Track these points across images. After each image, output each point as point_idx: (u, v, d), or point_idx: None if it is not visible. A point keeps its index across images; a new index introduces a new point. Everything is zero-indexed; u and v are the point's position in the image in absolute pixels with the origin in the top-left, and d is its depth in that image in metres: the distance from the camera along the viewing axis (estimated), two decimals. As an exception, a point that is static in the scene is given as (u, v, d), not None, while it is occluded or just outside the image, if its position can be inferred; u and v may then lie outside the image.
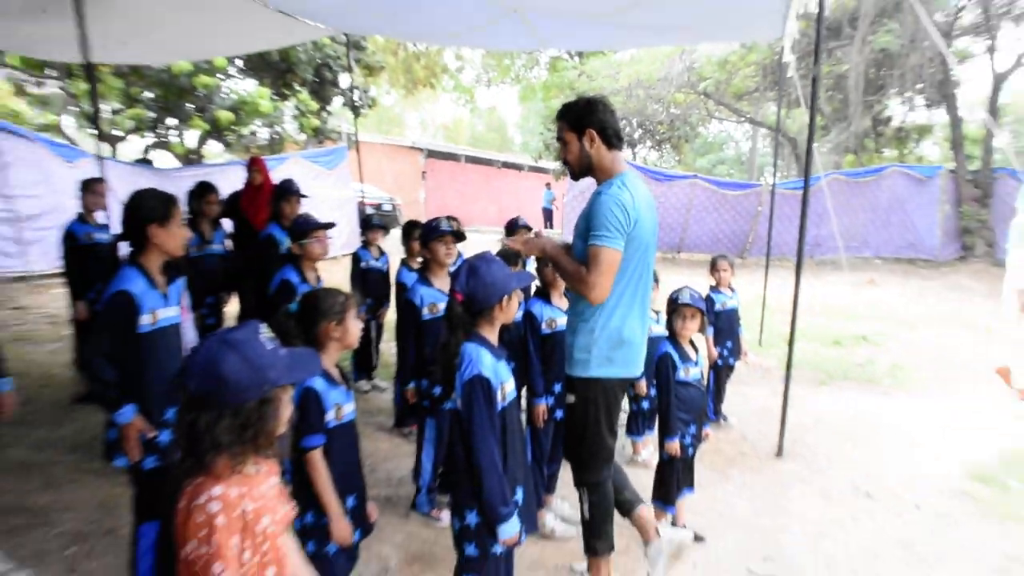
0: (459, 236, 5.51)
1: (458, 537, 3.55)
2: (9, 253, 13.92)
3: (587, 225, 4.06)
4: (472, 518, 3.49)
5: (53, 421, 7.10)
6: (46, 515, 5.36)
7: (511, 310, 3.60)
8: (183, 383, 2.25)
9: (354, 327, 3.67)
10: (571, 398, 4.31)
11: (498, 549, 3.52)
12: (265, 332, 2.33)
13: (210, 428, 2.21)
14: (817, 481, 6.49)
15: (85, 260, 7.33)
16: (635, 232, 4.00)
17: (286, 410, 2.34)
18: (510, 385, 3.57)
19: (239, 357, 2.22)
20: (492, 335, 3.58)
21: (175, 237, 3.94)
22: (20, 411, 7.13)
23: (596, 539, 4.42)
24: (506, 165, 44.16)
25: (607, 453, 4.37)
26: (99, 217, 7.67)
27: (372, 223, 8.54)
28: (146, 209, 3.89)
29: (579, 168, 4.27)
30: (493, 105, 67.94)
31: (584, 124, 4.14)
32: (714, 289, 7.79)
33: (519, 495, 3.54)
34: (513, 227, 7.55)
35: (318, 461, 3.57)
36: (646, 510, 4.67)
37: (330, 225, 5.96)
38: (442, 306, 5.37)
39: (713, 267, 7.92)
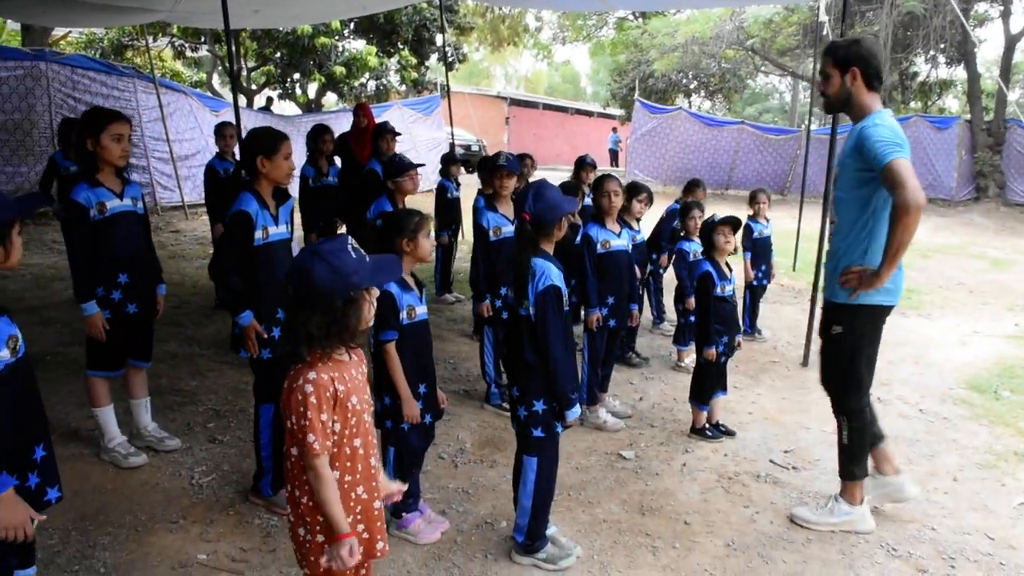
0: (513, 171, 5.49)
1: (525, 422, 3.58)
2: (168, 187, 14.29)
3: (861, 157, 3.65)
4: (540, 406, 3.53)
5: (199, 322, 7.33)
6: (193, 396, 5.58)
7: (563, 229, 3.59)
8: (286, 287, 2.32)
9: (424, 244, 3.66)
10: (837, 328, 3.96)
11: (559, 429, 3.58)
12: (352, 244, 2.35)
13: (304, 324, 2.26)
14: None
15: (222, 190, 7.47)
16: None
17: (369, 309, 2.37)
18: (566, 292, 3.58)
19: (327, 265, 2.25)
20: (550, 250, 3.56)
21: (280, 168, 3.93)
22: (174, 313, 7.43)
23: (854, 465, 4.10)
24: (578, 112, 43.51)
25: (868, 381, 4.05)
26: (234, 155, 7.73)
27: (452, 158, 8.55)
28: (256, 144, 3.91)
29: (836, 102, 3.91)
30: (567, 60, 66.82)
31: (849, 62, 3.77)
32: (752, 219, 7.65)
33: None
34: (582, 163, 7.47)
35: (392, 353, 3.63)
36: (888, 445, 4.32)
37: (420, 165, 5.97)
38: (505, 229, 5.39)
39: (752, 199, 7.77)
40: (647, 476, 4.71)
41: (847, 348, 3.97)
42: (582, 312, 5.54)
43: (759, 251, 7.66)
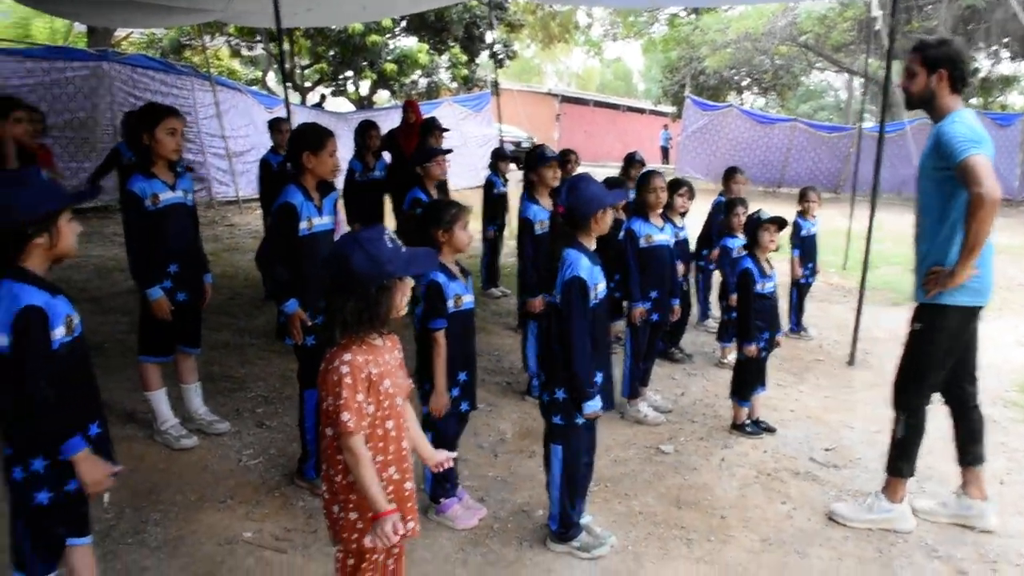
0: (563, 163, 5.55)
1: (547, 408, 3.65)
2: (224, 182, 14.61)
3: (939, 155, 3.64)
4: (560, 394, 3.58)
5: (250, 313, 7.51)
6: (242, 383, 5.74)
7: (605, 223, 3.59)
8: (325, 273, 2.42)
9: (460, 235, 3.73)
10: (917, 325, 3.94)
11: (579, 420, 3.60)
12: (389, 234, 2.43)
13: (339, 308, 2.36)
14: (882, 387, 6.23)
15: (276, 184, 7.58)
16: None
17: (401, 298, 2.44)
18: (602, 286, 3.59)
19: (364, 253, 2.33)
20: (590, 243, 3.59)
21: (325, 164, 4.03)
22: (226, 304, 7.62)
23: (903, 461, 4.06)
24: (629, 109, 43.33)
25: (936, 380, 4.00)
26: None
27: (501, 154, 8.61)
28: (303, 140, 4.02)
29: (918, 100, 3.87)
30: (619, 56, 66.47)
31: (938, 63, 3.72)
32: (801, 216, 7.60)
33: (599, 378, 3.60)
34: (631, 160, 7.47)
35: (440, 341, 3.72)
36: (984, 471, 4.21)
37: (447, 151, 6.08)
38: (548, 222, 5.44)
39: (803, 197, 7.71)
40: (685, 470, 4.73)
41: (921, 344, 3.94)
42: (624, 306, 5.57)
43: (807, 249, 7.61)
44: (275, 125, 7.79)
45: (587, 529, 3.81)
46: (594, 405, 3.55)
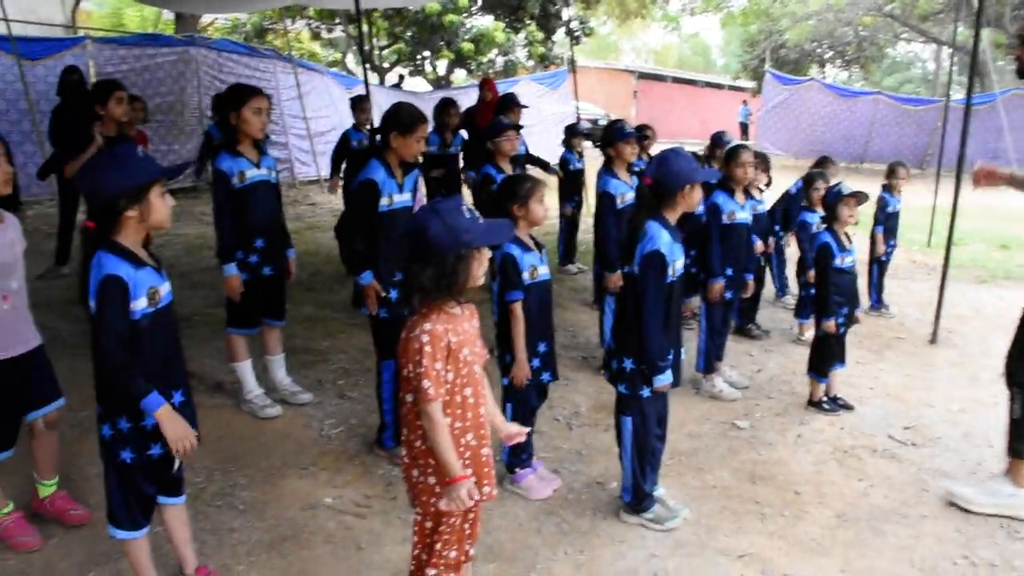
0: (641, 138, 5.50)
1: (615, 376, 3.68)
2: (305, 162, 14.93)
3: None
4: (628, 364, 3.60)
5: (332, 288, 7.67)
6: (325, 355, 5.90)
7: (693, 199, 3.58)
8: (404, 243, 2.48)
9: (536, 209, 3.74)
10: None
11: (646, 392, 3.62)
12: (467, 205, 2.47)
13: (417, 276, 2.41)
14: (966, 366, 6.18)
15: (359, 163, 7.67)
16: None
17: (478, 267, 2.48)
18: (680, 263, 3.59)
19: (441, 222, 2.38)
20: (673, 218, 3.58)
21: (410, 147, 4.09)
22: (309, 279, 7.81)
23: (1021, 442, 3.88)
24: (708, 84, 42.59)
25: None
26: (369, 128, 7.86)
27: (576, 130, 8.60)
28: (395, 119, 4.08)
29: None
30: (697, 31, 65.27)
31: None
32: (887, 191, 7.42)
33: (671, 353, 3.61)
34: (718, 141, 7.30)
35: (517, 312, 3.76)
36: None
37: (518, 127, 6.11)
38: (628, 196, 5.42)
39: (892, 172, 7.51)
40: (760, 446, 4.70)
41: None
42: (701, 282, 5.52)
43: (891, 225, 7.45)
44: (357, 103, 7.89)
45: (660, 501, 3.83)
46: (664, 379, 3.57)
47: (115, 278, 2.61)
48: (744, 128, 33.57)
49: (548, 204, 3.89)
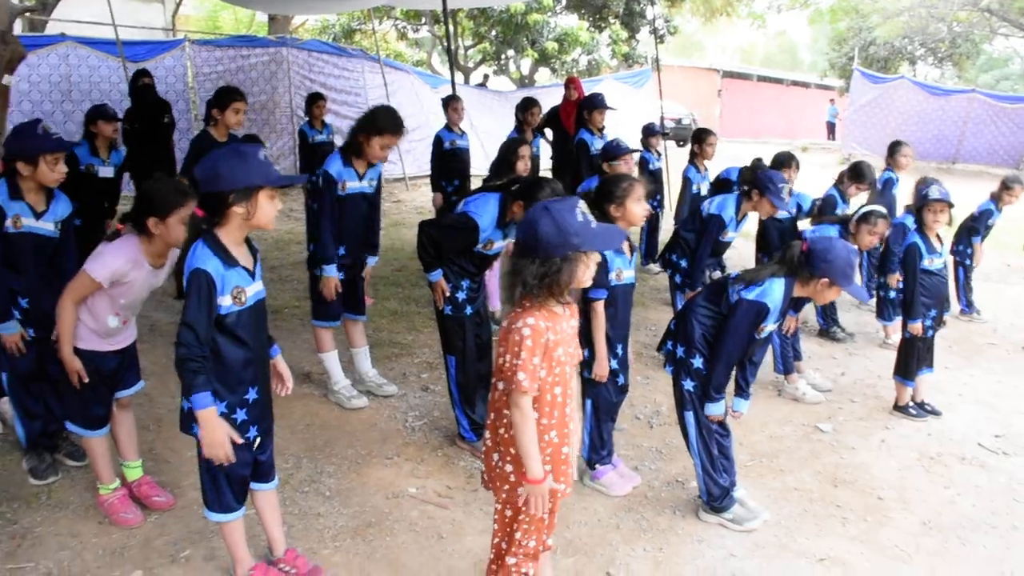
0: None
1: (678, 367, 3.76)
2: (391, 160, 15.12)
3: None
4: (688, 384, 3.70)
5: (416, 283, 7.76)
6: (409, 349, 6.01)
7: (824, 294, 3.50)
8: (516, 235, 2.51)
9: (634, 209, 3.72)
10: None
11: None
12: (581, 207, 2.47)
13: (522, 271, 2.44)
14: (1063, 373, 5.96)
15: (447, 161, 7.70)
16: None
17: (584, 271, 2.47)
18: (771, 326, 3.61)
19: (552, 222, 2.39)
20: (800, 292, 3.53)
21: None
22: (394, 275, 7.96)
23: None
24: (794, 83, 41.67)
25: None
26: (461, 127, 7.92)
27: (653, 130, 8.54)
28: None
29: None
30: (783, 29, 63.80)
31: None
32: (994, 201, 7.18)
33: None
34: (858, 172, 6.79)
35: (599, 310, 3.79)
36: None
37: (636, 151, 6.11)
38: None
39: (1006, 187, 7.18)
40: (843, 449, 4.62)
41: None
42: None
43: (987, 236, 7.25)
44: (449, 102, 7.95)
45: (740, 502, 3.80)
46: (716, 410, 3.65)
47: (203, 273, 2.72)
48: (831, 128, 32.79)
49: (647, 205, 3.86)
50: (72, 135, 10.68)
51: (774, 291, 3.44)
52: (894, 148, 7.13)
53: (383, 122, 4.46)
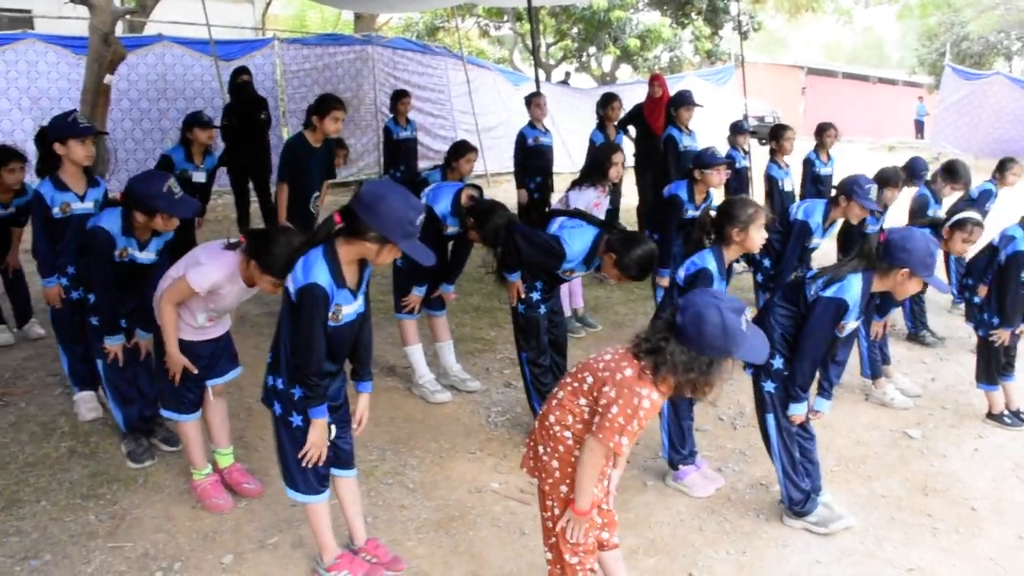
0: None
1: (757, 372, 3.70)
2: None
3: None
4: (768, 385, 3.65)
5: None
6: (492, 345, 6.06)
7: (905, 287, 3.38)
8: (678, 307, 2.42)
9: (755, 236, 3.66)
10: None
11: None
12: (747, 317, 2.39)
13: (673, 352, 2.35)
14: None
15: (530, 158, 7.75)
16: None
17: (721, 380, 2.41)
18: (852, 326, 3.54)
19: (721, 323, 2.32)
20: (879, 287, 3.45)
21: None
22: (476, 270, 7.94)
23: None
24: (881, 80, 40.46)
25: None
26: (544, 124, 7.96)
27: (740, 128, 8.41)
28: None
29: None
30: (870, 24, 62.00)
31: None
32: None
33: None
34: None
35: None
36: None
37: (729, 161, 6.03)
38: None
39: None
40: (933, 457, 4.48)
41: None
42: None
43: None
44: (532, 99, 7.97)
45: (825, 505, 3.73)
46: (798, 410, 3.59)
47: (319, 288, 2.77)
48: (920, 126, 31.75)
49: (765, 233, 3.79)
50: (167, 132, 11.21)
51: (852, 287, 3.37)
52: (1005, 165, 6.82)
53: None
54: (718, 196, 5.94)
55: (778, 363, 3.59)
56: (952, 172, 6.29)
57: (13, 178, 5.29)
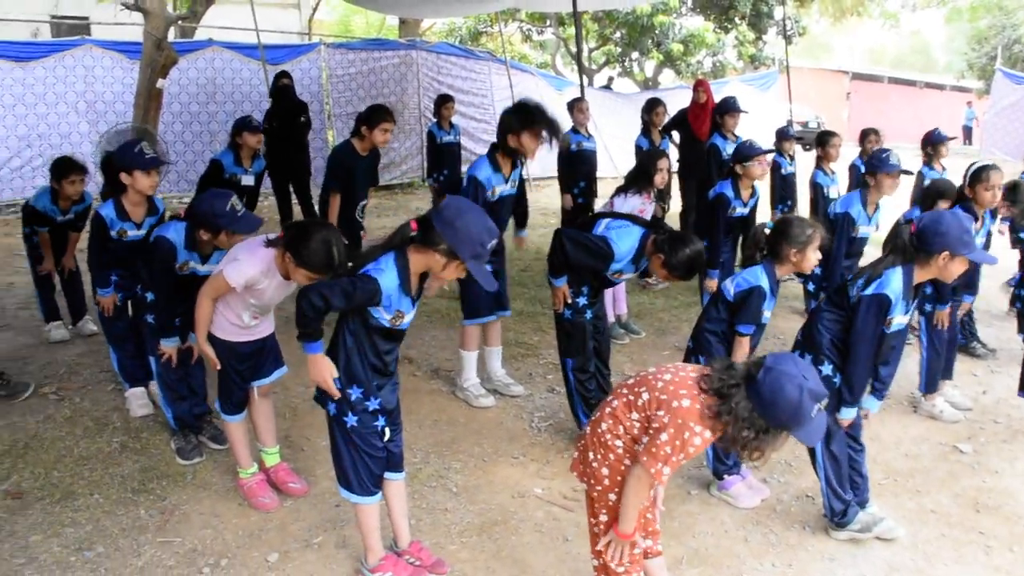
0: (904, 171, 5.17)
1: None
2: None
3: None
4: (825, 368, 3.55)
5: (542, 283, 7.70)
6: (535, 349, 6.04)
7: (949, 270, 3.29)
8: (763, 363, 2.35)
9: (811, 257, 3.62)
10: None
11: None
12: (822, 403, 2.31)
13: (739, 403, 2.31)
14: None
15: (574, 163, 7.65)
16: None
17: (774, 447, 2.37)
18: (900, 319, 3.42)
19: (797, 402, 2.26)
20: (920, 276, 3.37)
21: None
22: (520, 275, 8.01)
23: None
24: (928, 85, 39.82)
25: None
26: (587, 129, 7.87)
27: (786, 134, 8.31)
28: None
29: None
30: (917, 28, 61.00)
31: None
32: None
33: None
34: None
35: (745, 345, 3.78)
36: None
37: (770, 151, 5.93)
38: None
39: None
40: (984, 472, 4.38)
41: None
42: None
43: None
44: (575, 104, 7.94)
45: (867, 512, 3.67)
46: (849, 414, 3.52)
47: (376, 284, 2.79)
48: (968, 132, 31.17)
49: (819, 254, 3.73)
50: (215, 134, 11.38)
51: (892, 281, 3.30)
52: None
53: (524, 117, 4.47)
54: (764, 195, 5.87)
55: (826, 369, 3.52)
56: (1016, 193, 5.93)
57: (73, 189, 5.47)
